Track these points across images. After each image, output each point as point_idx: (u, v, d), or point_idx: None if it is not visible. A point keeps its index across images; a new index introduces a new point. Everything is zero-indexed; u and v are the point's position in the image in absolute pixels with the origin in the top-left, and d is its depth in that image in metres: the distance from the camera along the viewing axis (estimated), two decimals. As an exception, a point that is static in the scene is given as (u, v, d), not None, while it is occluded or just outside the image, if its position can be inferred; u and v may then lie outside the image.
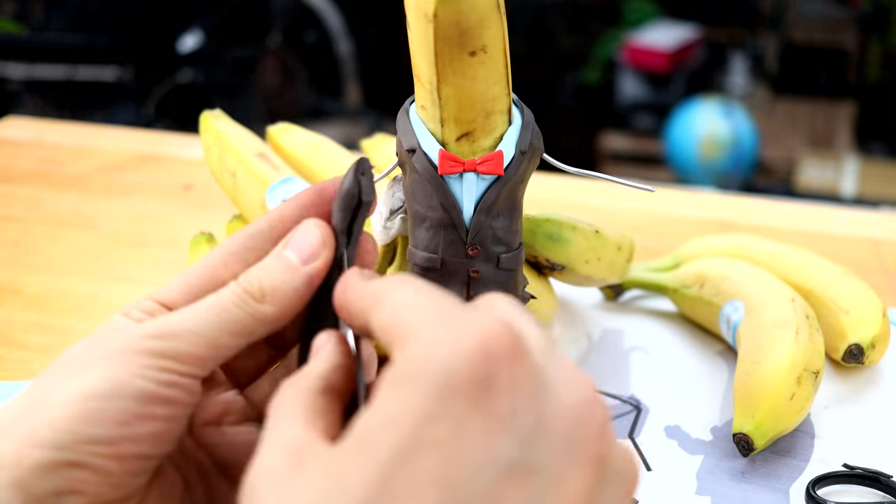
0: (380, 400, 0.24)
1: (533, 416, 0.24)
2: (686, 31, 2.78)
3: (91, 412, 0.28)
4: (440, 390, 0.23)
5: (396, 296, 0.27)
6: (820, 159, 2.56)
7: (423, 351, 0.24)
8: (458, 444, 0.23)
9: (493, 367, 0.24)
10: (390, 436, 0.23)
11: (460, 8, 0.37)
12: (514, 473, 0.23)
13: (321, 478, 0.24)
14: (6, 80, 2.28)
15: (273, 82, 2.69)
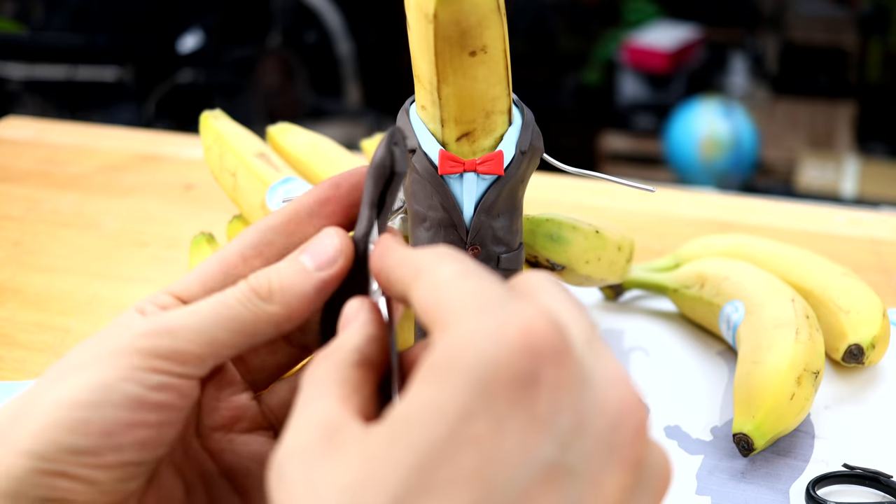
0: (420, 389, 0.24)
1: (573, 415, 0.23)
2: (686, 31, 2.78)
3: (74, 422, 0.28)
4: (481, 387, 0.23)
5: (439, 272, 0.26)
6: (820, 159, 2.56)
7: (464, 341, 0.23)
8: (496, 443, 0.22)
9: (537, 364, 0.23)
10: (429, 429, 0.23)
11: (460, 8, 0.37)
12: (551, 475, 0.23)
13: (355, 462, 0.24)
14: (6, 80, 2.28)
15: (273, 82, 2.69)
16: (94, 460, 0.28)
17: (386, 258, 0.29)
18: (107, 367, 0.29)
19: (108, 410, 0.28)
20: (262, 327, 0.31)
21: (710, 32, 2.84)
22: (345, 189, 0.34)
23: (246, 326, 0.31)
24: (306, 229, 0.33)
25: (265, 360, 0.35)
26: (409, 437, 0.23)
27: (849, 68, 2.78)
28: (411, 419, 0.23)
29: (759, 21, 2.92)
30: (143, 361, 0.29)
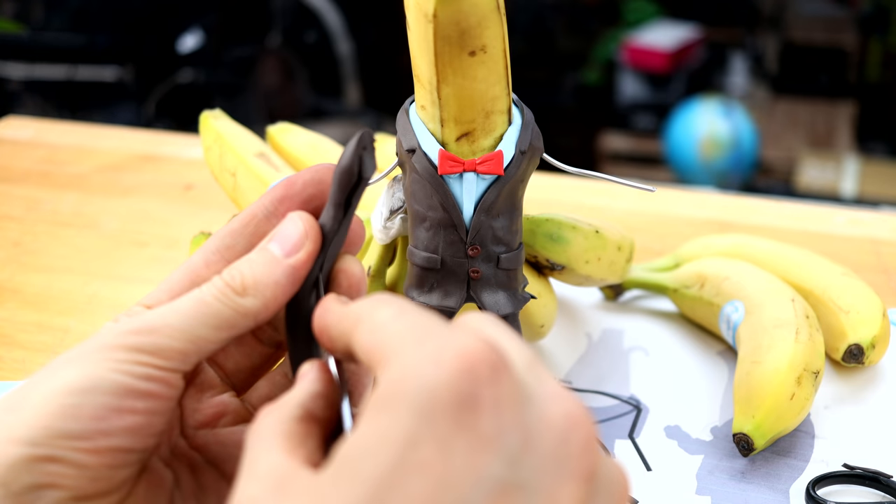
0: (363, 425, 0.24)
1: (519, 433, 0.23)
2: (686, 31, 2.78)
3: (66, 407, 0.29)
4: (423, 412, 0.23)
5: (377, 316, 0.27)
6: (820, 159, 2.56)
7: (403, 373, 0.24)
8: (445, 466, 0.22)
9: (476, 385, 0.23)
10: (376, 461, 0.23)
11: (460, 8, 0.37)
12: (505, 493, 0.23)
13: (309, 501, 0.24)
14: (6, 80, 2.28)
15: (273, 82, 2.69)
16: (84, 444, 0.29)
17: (325, 317, 0.30)
18: (93, 361, 0.30)
19: (97, 396, 0.29)
20: (241, 321, 0.32)
21: (710, 32, 2.84)
22: (300, 186, 0.34)
23: (225, 321, 0.31)
24: (266, 229, 0.34)
25: (240, 361, 0.35)
26: (357, 471, 0.23)
27: (849, 68, 2.78)
28: (357, 453, 0.23)
29: (759, 21, 2.92)
30: (129, 356, 0.30)
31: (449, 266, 0.43)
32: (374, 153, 0.33)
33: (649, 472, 0.48)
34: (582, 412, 0.25)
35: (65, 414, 0.29)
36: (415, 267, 0.44)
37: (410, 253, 0.44)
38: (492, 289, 0.43)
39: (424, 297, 0.44)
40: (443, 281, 0.43)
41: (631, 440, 0.50)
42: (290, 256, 0.32)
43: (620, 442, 0.50)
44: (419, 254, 0.43)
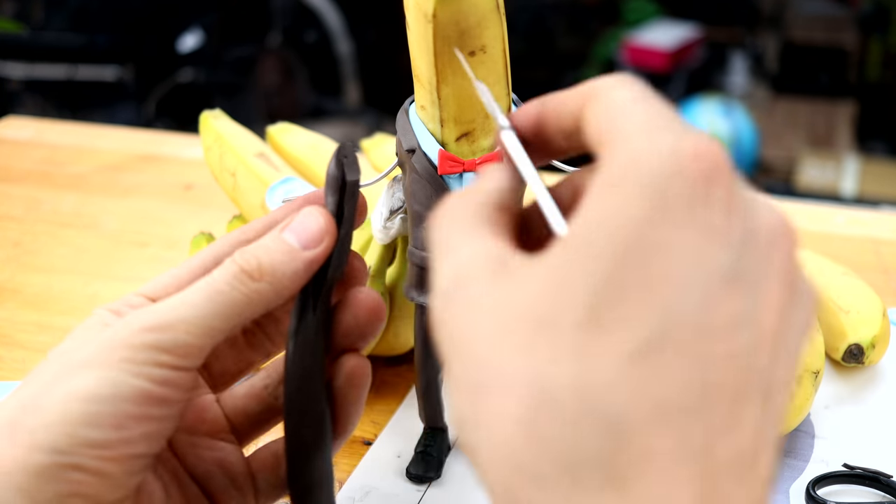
0: (596, 202, 0.23)
1: (741, 231, 0.24)
2: (686, 30, 2.78)
3: (88, 415, 0.28)
4: (660, 197, 0.23)
5: (615, 95, 0.26)
6: (820, 159, 2.56)
7: (640, 156, 0.24)
8: (679, 248, 0.23)
9: (709, 182, 0.24)
10: (614, 237, 0.23)
11: (460, 8, 0.37)
12: (730, 280, 0.23)
13: (538, 279, 0.23)
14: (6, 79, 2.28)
15: (273, 82, 2.69)
16: (106, 453, 0.28)
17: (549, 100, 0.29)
18: (113, 362, 0.29)
19: (118, 404, 0.29)
20: (254, 308, 0.31)
21: (710, 32, 2.84)
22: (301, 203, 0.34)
23: (239, 309, 0.31)
24: None
25: (228, 365, 0.35)
26: (594, 248, 0.23)
27: (849, 67, 2.78)
28: (592, 231, 0.23)
29: (758, 20, 2.93)
30: (149, 356, 0.29)
31: (449, 266, 0.43)
32: (356, 160, 0.33)
33: (649, 472, 0.48)
34: (790, 225, 0.26)
35: (87, 421, 0.28)
36: (415, 267, 0.44)
37: (410, 253, 0.44)
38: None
39: (424, 297, 0.44)
40: (443, 281, 0.43)
41: (631, 440, 0.50)
42: (308, 249, 0.32)
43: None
44: (419, 254, 0.43)
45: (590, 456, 0.21)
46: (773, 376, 0.24)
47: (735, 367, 0.23)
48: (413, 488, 0.47)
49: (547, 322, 0.23)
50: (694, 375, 0.22)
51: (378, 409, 0.54)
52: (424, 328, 0.45)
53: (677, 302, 0.22)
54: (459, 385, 0.24)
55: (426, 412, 0.48)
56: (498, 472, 0.22)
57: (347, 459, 0.49)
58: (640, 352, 0.22)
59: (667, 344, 0.22)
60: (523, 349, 0.23)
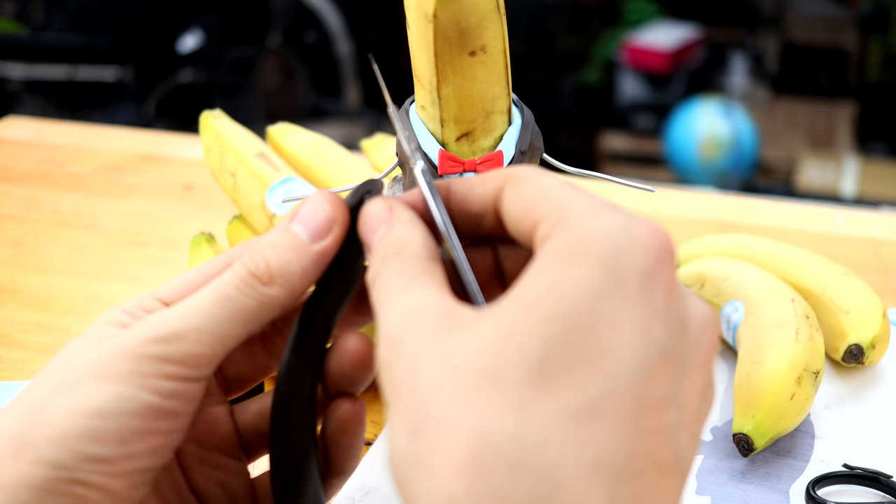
0: (550, 269, 0.25)
1: (679, 315, 0.25)
2: (686, 31, 2.78)
3: (92, 430, 0.28)
4: (615, 272, 0.24)
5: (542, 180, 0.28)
6: (820, 159, 2.56)
7: (593, 233, 0.25)
8: (628, 323, 0.24)
9: (659, 264, 0.25)
10: (568, 303, 0.24)
11: (460, 8, 0.37)
12: (666, 361, 0.24)
13: (487, 332, 0.24)
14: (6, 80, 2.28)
15: (273, 82, 2.69)
16: (109, 468, 0.28)
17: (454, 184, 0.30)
18: (120, 375, 0.28)
19: (123, 419, 0.28)
20: (265, 312, 0.30)
21: (710, 32, 2.84)
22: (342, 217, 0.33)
23: (251, 316, 0.30)
24: None
25: (243, 371, 0.34)
26: (548, 310, 0.24)
27: (849, 68, 2.78)
28: (548, 294, 0.24)
29: (758, 21, 2.93)
30: (157, 368, 0.29)
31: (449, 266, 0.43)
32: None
33: (649, 472, 0.48)
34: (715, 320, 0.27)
35: (91, 437, 0.28)
36: (415, 267, 0.44)
37: (410, 253, 0.44)
38: (492, 289, 0.43)
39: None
40: (443, 281, 0.43)
41: (631, 440, 0.50)
42: (316, 241, 0.31)
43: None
44: (419, 254, 0.43)
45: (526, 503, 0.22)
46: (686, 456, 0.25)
47: (663, 441, 0.24)
48: (413, 488, 0.47)
49: (492, 374, 0.23)
50: (627, 442, 0.23)
51: (378, 409, 0.54)
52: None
53: (620, 372, 0.23)
54: (400, 426, 0.24)
55: (426, 412, 0.48)
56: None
57: (347, 459, 0.49)
58: (580, 414, 0.23)
59: (606, 409, 0.23)
60: (466, 397, 0.23)
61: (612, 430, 0.23)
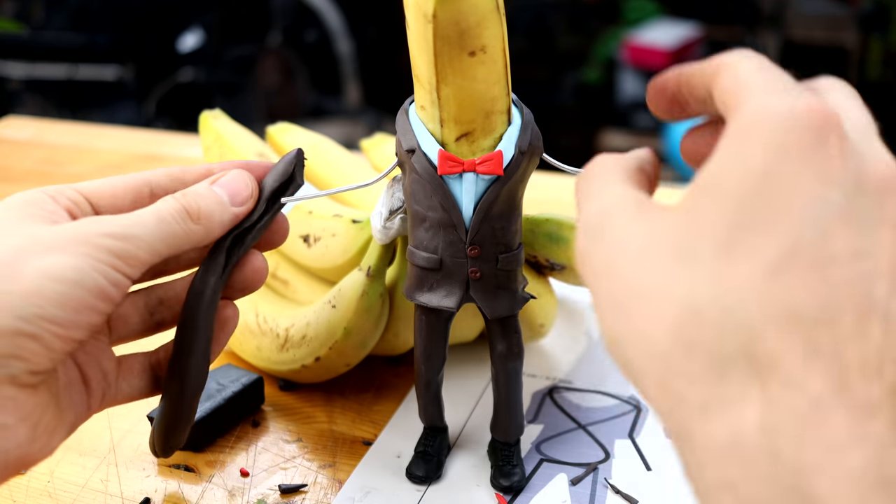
0: (724, 152, 0.27)
1: (853, 176, 0.27)
2: (686, 29, 2.78)
3: (57, 294, 0.33)
4: (779, 147, 0.27)
5: (741, 66, 0.30)
6: (820, 158, 2.56)
7: (761, 111, 0.28)
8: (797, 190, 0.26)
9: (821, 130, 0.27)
10: (741, 180, 0.26)
11: (460, 8, 0.37)
12: (846, 217, 0.26)
13: (677, 215, 0.28)
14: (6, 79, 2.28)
15: (273, 82, 2.69)
16: (59, 330, 0.33)
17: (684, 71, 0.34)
18: (79, 254, 0.34)
19: (81, 291, 0.34)
20: (185, 244, 0.38)
21: (711, 31, 2.84)
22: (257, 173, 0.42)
23: (178, 241, 0.37)
24: None
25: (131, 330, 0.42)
26: (725, 188, 0.27)
27: (849, 67, 2.78)
28: (722, 175, 0.27)
29: (759, 19, 2.92)
30: (108, 258, 0.35)
31: (449, 266, 0.43)
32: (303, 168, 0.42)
33: (649, 472, 0.48)
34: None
35: (55, 300, 0.33)
36: (415, 267, 0.44)
37: (410, 253, 0.44)
38: (491, 289, 0.43)
39: (424, 296, 0.44)
40: (443, 281, 0.43)
41: (631, 440, 0.50)
42: (235, 207, 0.40)
43: (620, 442, 0.50)
44: (419, 254, 0.43)
45: (732, 355, 0.25)
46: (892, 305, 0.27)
47: (856, 289, 0.26)
48: (413, 488, 0.47)
49: (687, 251, 0.27)
50: (819, 291, 0.25)
51: (378, 409, 0.54)
52: (423, 328, 0.45)
53: (799, 231, 0.26)
54: (609, 306, 0.28)
55: (426, 412, 0.48)
56: (653, 374, 0.26)
57: (347, 459, 0.49)
58: (767, 273, 0.25)
59: (793, 265, 0.25)
60: (667, 273, 0.27)
61: (799, 283, 0.25)
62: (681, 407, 0.26)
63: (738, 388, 0.25)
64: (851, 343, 0.25)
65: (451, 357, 0.55)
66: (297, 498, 0.47)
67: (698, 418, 0.25)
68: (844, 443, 0.24)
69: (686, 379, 0.26)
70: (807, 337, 0.25)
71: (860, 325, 0.25)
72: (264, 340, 0.54)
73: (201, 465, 0.49)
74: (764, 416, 0.24)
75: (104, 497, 0.47)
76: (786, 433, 0.24)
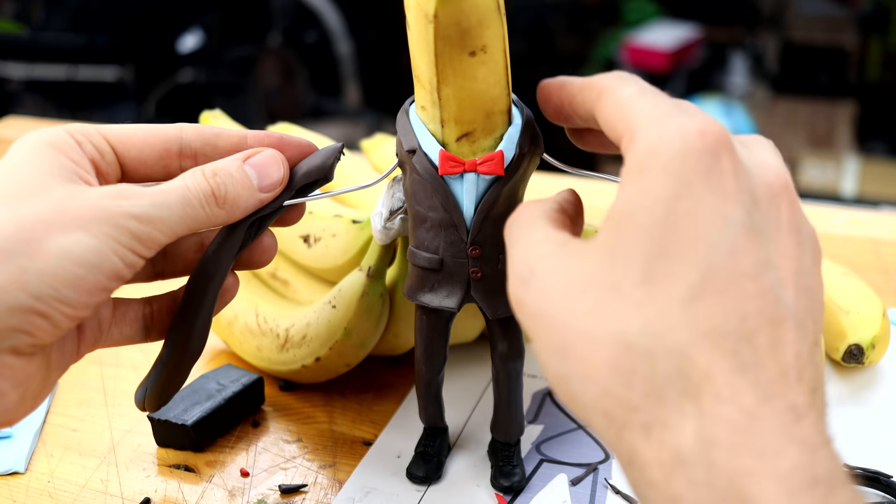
0: (627, 187, 0.29)
1: (748, 191, 0.29)
2: (686, 30, 2.78)
3: (74, 277, 0.33)
4: (679, 174, 0.28)
5: (621, 91, 0.32)
6: (820, 159, 2.56)
7: (654, 144, 0.29)
8: (703, 213, 0.28)
9: (715, 151, 0.29)
10: (650, 212, 0.28)
11: (460, 8, 0.37)
12: (749, 232, 0.28)
13: (596, 252, 0.29)
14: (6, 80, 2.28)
15: (273, 82, 2.69)
16: (70, 311, 0.33)
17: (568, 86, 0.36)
18: (101, 235, 0.34)
19: (97, 275, 0.34)
20: (205, 226, 0.38)
21: (710, 32, 2.84)
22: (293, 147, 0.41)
23: (199, 224, 0.37)
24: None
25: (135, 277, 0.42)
26: (638, 221, 0.28)
27: (849, 68, 2.78)
28: (632, 208, 0.29)
29: (758, 20, 2.92)
30: (129, 241, 0.34)
31: (450, 266, 0.43)
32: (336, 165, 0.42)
33: (649, 473, 0.48)
34: (785, 177, 0.31)
35: (70, 283, 0.33)
36: (416, 268, 0.44)
37: (411, 254, 0.44)
38: (493, 289, 0.43)
39: (425, 297, 0.44)
40: (443, 281, 0.43)
41: (631, 440, 0.50)
42: (264, 192, 0.39)
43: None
44: (420, 254, 0.43)
45: (667, 378, 0.27)
46: (800, 308, 0.29)
47: (767, 300, 0.27)
48: (413, 488, 0.47)
49: (611, 286, 0.28)
50: (736, 307, 0.27)
51: (378, 410, 0.54)
52: (424, 328, 0.45)
53: (710, 254, 0.27)
54: (548, 347, 0.29)
55: (426, 412, 0.48)
56: (597, 406, 0.28)
57: (347, 459, 0.49)
58: (689, 297, 0.27)
59: (708, 287, 0.27)
60: (596, 310, 0.28)
61: (719, 302, 0.27)
62: (626, 432, 0.27)
63: (676, 407, 0.26)
64: (772, 352, 0.27)
65: (452, 357, 0.55)
66: (298, 498, 0.47)
67: (642, 441, 0.27)
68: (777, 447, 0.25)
69: (628, 406, 0.27)
70: (732, 352, 0.26)
71: (776, 334, 0.27)
72: (264, 341, 0.54)
73: (201, 465, 0.49)
74: (700, 430, 0.26)
75: (104, 497, 0.47)
76: (721, 443, 0.25)
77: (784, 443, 0.25)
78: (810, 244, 0.31)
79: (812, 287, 0.31)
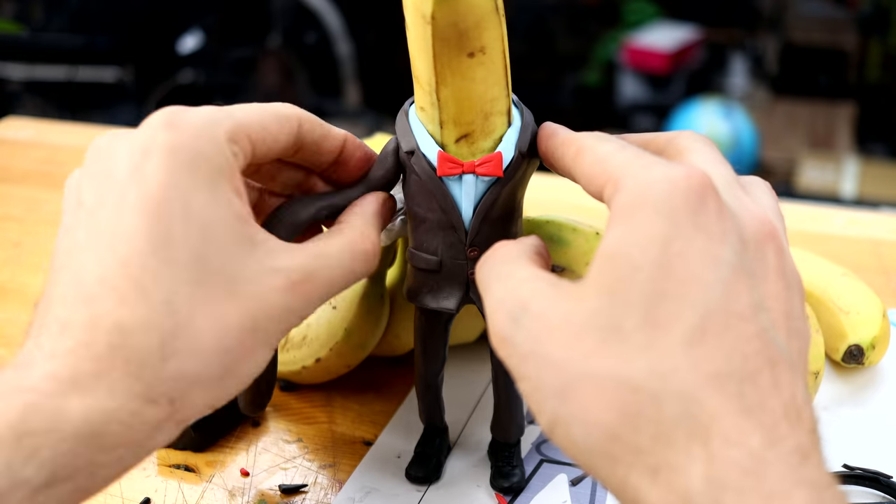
0: (621, 227, 0.29)
1: (735, 234, 0.29)
2: (686, 31, 2.78)
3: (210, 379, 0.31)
4: (669, 216, 0.28)
5: (600, 148, 0.33)
6: (820, 160, 2.56)
7: (641, 188, 0.29)
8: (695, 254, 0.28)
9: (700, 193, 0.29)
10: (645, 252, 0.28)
11: (458, 9, 0.37)
12: (739, 274, 0.28)
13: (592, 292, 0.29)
14: (6, 80, 2.28)
15: (273, 82, 2.69)
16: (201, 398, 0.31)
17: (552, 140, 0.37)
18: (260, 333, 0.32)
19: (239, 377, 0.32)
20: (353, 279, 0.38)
21: (710, 33, 2.84)
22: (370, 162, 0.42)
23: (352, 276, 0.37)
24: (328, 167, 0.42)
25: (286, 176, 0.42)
26: (632, 262, 0.28)
27: (848, 69, 2.78)
28: (625, 249, 0.28)
29: (758, 22, 2.93)
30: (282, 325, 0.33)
31: (448, 268, 0.43)
32: None
33: (649, 473, 0.48)
34: (770, 223, 0.32)
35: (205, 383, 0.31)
36: (415, 269, 0.44)
37: (410, 255, 0.44)
38: (492, 289, 0.43)
39: (424, 298, 0.44)
40: (443, 282, 0.43)
41: (631, 441, 0.50)
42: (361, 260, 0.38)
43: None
44: (419, 256, 0.43)
45: (675, 420, 0.26)
46: (792, 350, 0.29)
47: (763, 342, 0.27)
48: (413, 488, 0.47)
49: (612, 329, 0.28)
50: (734, 349, 0.27)
51: (378, 410, 0.54)
52: (423, 329, 0.45)
53: (706, 295, 0.27)
54: (544, 390, 0.29)
55: (426, 412, 0.48)
56: (601, 451, 0.27)
57: (347, 459, 0.49)
58: (691, 339, 0.27)
59: (708, 329, 0.27)
60: (599, 351, 0.28)
61: (719, 344, 0.27)
62: (632, 475, 0.27)
63: (684, 449, 0.26)
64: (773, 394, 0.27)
65: (451, 357, 0.55)
66: (298, 498, 0.47)
67: (649, 484, 0.27)
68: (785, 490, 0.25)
69: (635, 450, 0.27)
70: (737, 394, 0.26)
71: (774, 375, 0.27)
72: (264, 341, 0.54)
73: (201, 465, 0.49)
74: (708, 472, 0.26)
75: (104, 497, 0.47)
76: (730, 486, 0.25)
77: (791, 486, 0.25)
78: (797, 289, 0.32)
79: (801, 330, 0.31)
